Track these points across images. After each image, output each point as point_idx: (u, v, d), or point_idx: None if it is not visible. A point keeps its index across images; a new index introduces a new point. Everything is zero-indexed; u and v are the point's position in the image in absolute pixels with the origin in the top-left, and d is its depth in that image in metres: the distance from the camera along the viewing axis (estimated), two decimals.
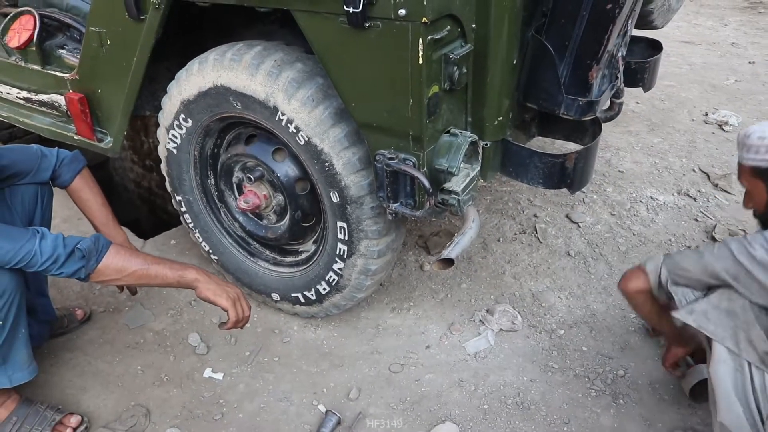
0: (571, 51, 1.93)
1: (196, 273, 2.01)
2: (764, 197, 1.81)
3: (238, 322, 2.05)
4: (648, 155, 4.05)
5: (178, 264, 2.03)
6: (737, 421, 1.73)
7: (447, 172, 1.90)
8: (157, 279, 1.98)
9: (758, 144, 1.74)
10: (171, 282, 2.00)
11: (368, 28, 1.69)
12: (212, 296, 2.00)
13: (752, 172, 1.80)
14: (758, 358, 1.71)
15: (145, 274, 1.96)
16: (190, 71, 2.28)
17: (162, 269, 1.98)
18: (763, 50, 6.07)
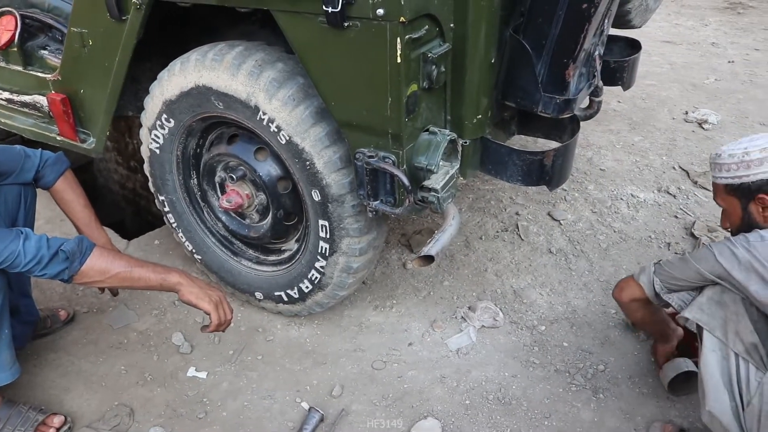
0: (548, 50, 1.96)
1: (179, 276, 2.01)
2: (738, 213, 1.88)
3: (221, 325, 2.06)
4: (629, 153, 4.10)
5: (161, 267, 2.04)
6: (724, 409, 1.79)
7: (426, 170, 1.92)
8: (140, 282, 1.98)
9: (729, 162, 1.82)
10: (154, 285, 2.00)
11: (347, 28, 1.71)
12: (195, 300, 2.00)
13: (726, 190, 1.89)
14: (744, 350, 1.76)
15: (128, 277, 1.96)
16: (171, 71, 2.29)
17: (145, 272, 1.98)
18: (742, 50, 6.14)
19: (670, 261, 1.99)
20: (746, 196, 1.83)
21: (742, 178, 1.81)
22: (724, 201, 1.92)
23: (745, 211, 1.86)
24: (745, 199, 1.84)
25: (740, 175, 1.80)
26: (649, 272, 2.03)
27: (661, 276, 2.00)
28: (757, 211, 1.83)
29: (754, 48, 6.19)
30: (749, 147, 1.78)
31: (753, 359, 1.75)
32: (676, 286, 1.97)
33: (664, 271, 1.99)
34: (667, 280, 1.98)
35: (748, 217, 1.86)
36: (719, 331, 1.81)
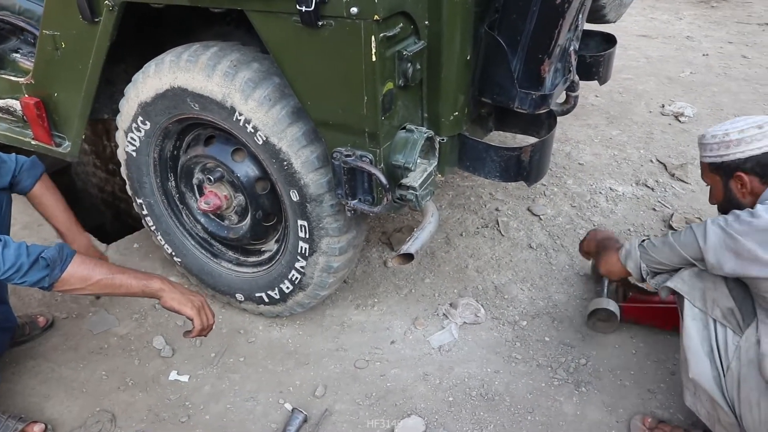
0: (523, 46, 1.96)
1: (161, 282, 2.00)
2: (721, 190, 1.99)
3: (203, 330, 2.05)
4: (607, 147, 4.12)
5: (142, 273, 2.02)
6: (705, 375, 1.87)
7: (404, 168, 1.92)
8: (122, 288, 1.96)
9: (711, 142, 1.93)
10: (135, 291, 1.98)
11: (321, 27, 1.70)
12: (177, 305, 1.99)
13: (710, 168, 2.00)
14: (722, 315, 1.85)
15: (109, 284, 1.93)
16: (146, 73, 2.27)
17: (126, 279, 1.96)
18: (716, 43, 6.20)
19: (653, 244, 2.03)
20: (726, 174, 1.94)
21: (722, 157, 1.91)
22: (709, 179, 2.04)
23: (727, 188, 1.96)
24: (725, 177, 1.95)
25: (721, 154, 1.91)
26: (635, 257, 2.07)
27: (647, 261, 2.04)
28: (737, 188, 1.93)
29: (727, 41, 6.25)
30: (729, 128, 1.89)
31: (730, 324, 1.84)
32: (660, 269, 2.04)
33: (649, 256, 2.03)
34: (652, 264, 2.03)
35: (729, 193, 1.96)
36: (699, 300, 1.90)
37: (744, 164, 1.88)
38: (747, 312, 1.83)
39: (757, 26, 6.73)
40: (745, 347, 1.80)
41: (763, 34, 6.46)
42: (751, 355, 1.78)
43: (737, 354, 1.81)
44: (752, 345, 1.79)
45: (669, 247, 1.95)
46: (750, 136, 1.86)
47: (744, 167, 1.88)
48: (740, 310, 1.84)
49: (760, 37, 6.36)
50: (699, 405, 1.95)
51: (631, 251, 2.08)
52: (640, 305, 2.64)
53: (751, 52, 5.92)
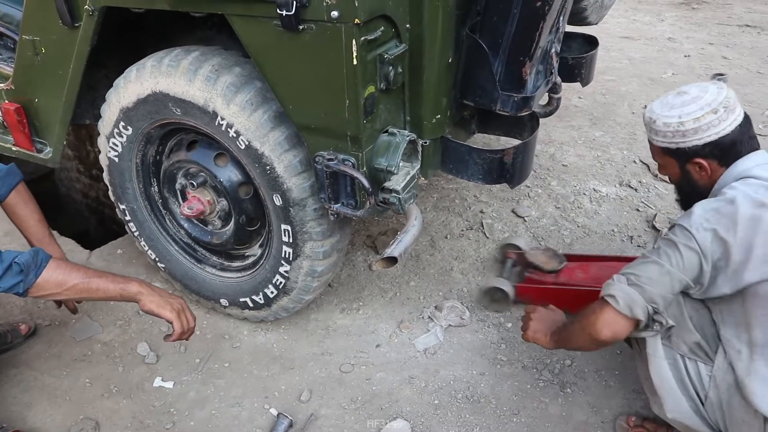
0: (504, 48, 1.97)
1: (139, 286, 1.97)
2: (677, 172, 1.89)
3: (184, 334, 2.03)
4: (590, 148, 4.14)
5: (120, 277, 1.99)
6: (684, 411, 1.82)
7: (386, 171, 1.92)
8: (99, 292, 1.93)
9: (664, 130, 1.80)
10: (113, 295, 1.95)
11: (302, 31, 1.70)
12: (156, 308, 1.96)
13: (662, 152, 1.88)
14: (689, 349, 1.79)
15: (86, 288, 1.91)
16: (128, 78, 2.26)
17: (104, 282, 1.93)
18: (698, 44, 6.24)
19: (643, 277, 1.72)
20: (683, 159, 1.84)
21: (678, 144, 1.80)
22: (661, 159, 1.92)
23: (683, 170, 1.87)
24: (681, 161, 1.85)
25: (676, 141, 1.80)
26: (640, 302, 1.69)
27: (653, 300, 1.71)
28: (695, 171, 1.84)
29: (708, 42, 6.30)
30: (683, 116, 1.76)
31: (699, 356, 1.78)
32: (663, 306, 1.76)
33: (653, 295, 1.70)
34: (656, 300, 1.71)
35: (687, 175, 1.87)
36: (665, 338, 1.81)
37: (702, 150, 1.78)
38: (712, 341, 1.77)
39: (737, 27, 6.79)
40: (719, 375, 1.75)
41: (742, 35, 6.52)
42: (729, 380, 1.74)
43: (713, 383, 1.76)
44: (726, 371, 1.74)
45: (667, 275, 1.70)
46: (707, 124, 1.74)
47: (702, 153, 1.79)
48: (706, 340, 1.77)
49: (739, 38, 6.42)
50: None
51: (633, 297, 1.70)
52: (534, 286, 2.70)
53: (731, 53, 5.97)
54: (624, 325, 1.72)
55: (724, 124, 1.75)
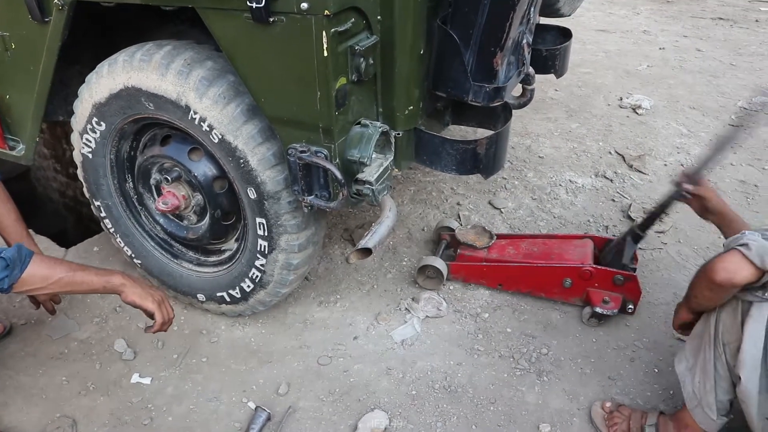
0: (476, 39, 1.98)
1: (122, 278, 2.01)
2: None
3: (164, 324, 2.07)
4: (567, 140, 4.17)
5: (103, 270, 2.02)
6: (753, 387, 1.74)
7: (359, 163, 1.93)
8: (83, 285, 1.95)
9: None
10: (97, 288, 1.97)
11: (273, 23, 1.70)
12: (138, 300, 2.00)
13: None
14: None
15: (70, 281, 1.92)
16: (100, 74, 2.25)
17: (87, 275, 1.95)
18: (672, 37, 6.31)
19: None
20: None
21: None
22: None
23: None
24: None
25: None
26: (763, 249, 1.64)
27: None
28: None
29: (682, 35, 6.37)
30: None
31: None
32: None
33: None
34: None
35: None
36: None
37: None
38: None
39: (711, 20, 6.87)
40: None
41: (716, 28, 6.60)
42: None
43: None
44: None
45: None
46: None
47: None
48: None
49: (713, 31, 6.49)
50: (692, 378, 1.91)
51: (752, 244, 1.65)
52: (466, 263, 2.81)
53: (705, 45, 6.04)
54: (747, 272, 1.65)
55: None
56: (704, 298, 1.85)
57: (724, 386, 1.86)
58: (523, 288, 2.76)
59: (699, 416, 1.94)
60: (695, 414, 1.95)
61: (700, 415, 1.94)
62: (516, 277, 2.74)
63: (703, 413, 1.92)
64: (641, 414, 2.18)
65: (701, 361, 1.90)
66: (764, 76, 5.28)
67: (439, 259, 2.78)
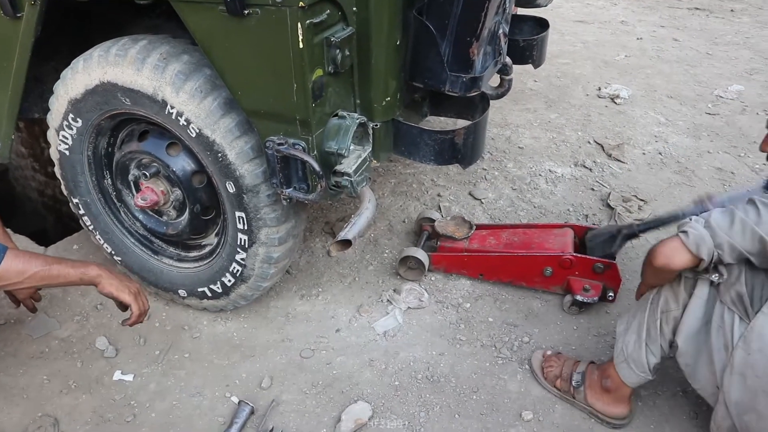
0: (452, 29, 1.97)
1: (99, 269, 2.01)
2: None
3: (141, 316, 2.08)
4: (546, 130, 4.19)
5: (79, 262, 2.02)
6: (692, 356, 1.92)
7: (337, 155, 1.93)
8: (60, 278, 1.94)
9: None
10: (74, 280, 1.97)
11: (247, 16, 1.70)
12: (115, 291, 2.01)
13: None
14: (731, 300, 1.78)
15: (47, 275, 1.91)
16: (75, 69, 2.23)
17: (64, 268, 1.95)
18: (650, 27, 6.35)
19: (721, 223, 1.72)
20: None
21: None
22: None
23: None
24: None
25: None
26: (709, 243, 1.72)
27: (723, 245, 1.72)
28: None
29: (659, 25, 6.41)
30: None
31: (737, 310, 1.77)
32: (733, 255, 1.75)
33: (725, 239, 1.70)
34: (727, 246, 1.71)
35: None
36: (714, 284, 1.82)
37: None
38: (756, 300, 1.75)
39: (687, 10, 6.93)
40: (752, 337, 1.73)
41: (692, 18, 6.65)
42: (759, 345, 1.72)
43: (742, 341, 1.75)
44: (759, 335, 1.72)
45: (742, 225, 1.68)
46: None
47: None
48: (750, 297, 1.75)
49: (689, 21, 6.54)
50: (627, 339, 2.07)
51: (703, 236, 1.72)
52: (447, 254, 2.84)
53: (681, 35, 6.09)
54: (683, 258, 1.76)
55: None
56: (651, 278, 1.99)
57: (652, 349, 2.01)
58: (504, 277, 2.78)
59: (623, 371, 2.09)
60: (620, 368, 2.10)
61: (624, 369, 2.09)
62: (497, 267, 2.76)
63: (627, 368, 2.07)
64: (574, 362, 2.32)
65: (636, 324, 2.05)
66: (740, 65, 5.34)
67: (421, 250, 2.79)
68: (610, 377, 2.15)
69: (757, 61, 5.44)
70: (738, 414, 1.82)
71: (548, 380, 2.33)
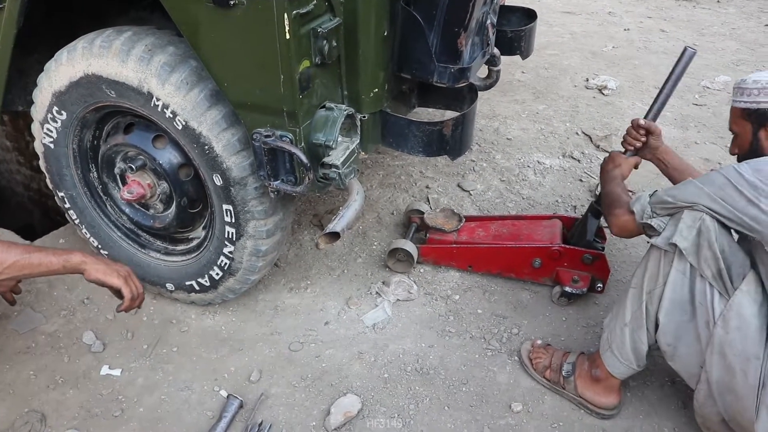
0: (439, 20, 1.97)
1: (82, 255, 1.91)
2: (748, 139, 1.98)
3: (134, 300, 1.99)
4: (534, 122, 4.19)
5: (61, 249, 1.94)
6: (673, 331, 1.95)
7: (325, 146, 1.92)
8: (41, 267, 1.86)
9: (751, 87, 1.92)
10: (57, 268, 1.88)
11: (233, 6, 1.68)
12: (103, 276, 1.91)
13: (742, 114, 1.98)
14: (711, 275, 1.82)
15: (27, 264, 1.84)
16: (59, 61, 2.21)
17: (45, 256, 1.86)
18: (637, 18, 6.37)
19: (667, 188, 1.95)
20: (759, 122, 1.93)
21: (759, 104, 1.91)
22: (737, 125, 2.01)
23: (755, 137, 1.96)
24: (757, 125, 1.94)
25: (759, 101, 1.90)
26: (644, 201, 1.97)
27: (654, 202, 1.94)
28: (764, 137, 1.93)
29: (646, 16, 6.43)
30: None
31: (716, 285, 1.82)
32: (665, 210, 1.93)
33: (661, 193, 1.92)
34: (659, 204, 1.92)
35: (756, 143, 1.95)
36: (693, 256, 1.85)
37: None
38: (735, 276, 1.80)
39: (674, 1, 6.95)
40: (731, 314, 1.78)
41: (678, 9, 6.67)
42: (737, 323, 1.77)
43: (722, 319, 1.79)
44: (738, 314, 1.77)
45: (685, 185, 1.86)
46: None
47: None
48: (729, 273, 1.80)
49: (676, 12, 6.56)
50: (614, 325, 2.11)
51: (641, 197, 1.99)
52: (436, 246, 2.84)
53: (668, 26, 6.11)
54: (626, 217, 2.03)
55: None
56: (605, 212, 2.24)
57: (639, 335, 2.03)
58: (493, 269, 2.78)
59: (608, 359, 2.12)
60: (605, 357, 2.13)
61: (609, 358, 2.12)
62: (486, 259, 2.76)
63: (612, 356, 2.10)
64: (563, 353, 2.33)
65: (620, 311, 2.09)
66: (726, 56, 5.36)
67: (410, 242, 2.79)
68: (599, 367, 2.16)
69: (743, 52, 5.46)
70: (720, 393, 1.85)
71: (537, 371, 2.33)
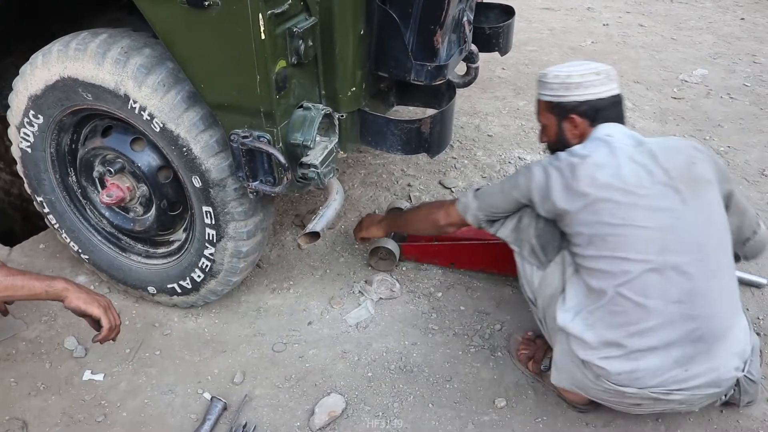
0: (415, 17, 1.97)
1: (65, 283, 1.91)
2: (554, 130, 2.09)
3: (111, 330, 1.98)
4: (515, 118, 4.21)
5: (44, 275, 1.93)
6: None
7: (303, 146, 1.92)
8: (24, 290, 1.85)
9: (552, 82, 2.02)
10: (38, 293, 1.87)
11: (208, 7, 1.67)
12: (83, 305, 1.90)
13: (546, 107, 2.09)
14: (528, 253, 2.11)
15: (9, 286, 1.83)
16: (34, 65, 2.19)
17: (28, 280, 1.86)
18: (615, 13, 6.40)
19: (487, 192, 2.15)
20: (562, 115, 2.03)
21: (560, 98, 2.01)
22: (544, 118, 2.13)
23: (560, 128, 2.06)
24: (560, 117, 2.04)
25: (560, 95, 2.00)
26: (470, 204, 2.16)
27: (483, 207, 2.14)
28: (569, 129, 2.03)
29: (625, 11, 6.47)
30: (572, 71, 1.99)
31: (533, 261, 2.10)
32: (497, 216, 2.15)
33: (483, 203, 2.13)
34: (487, 209, 2.14)
35: (561, 133, 2.06)
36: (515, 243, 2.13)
37: (579, 107, 1.98)
38: (549, 251, 2.05)
39: None
40: (545, 284, 2.04)
41: (657, 4, 6.71)
42: (550, 291, 2.02)
43: (541, 289, 2.06)
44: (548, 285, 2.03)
45: (501, 193, 2.07)
46: (589, 81, 1.95)
47: (578, 110, 1.98)
48: (541, 247, 2.05)
49: (654, 7, 6.60)
50: None
51: (469, 203, 2.16)
52: (418, 244, 2.86)
53: (647, 21, 6.14)
54: (457, 220, 2.24)
55: (602, 87, 1.97)
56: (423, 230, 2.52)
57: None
58: (476, 265, 2.79)
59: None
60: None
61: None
62: (468, 255, 2.77)
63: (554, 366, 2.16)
64: (547, 347, 2.33)
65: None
66: (703, 50, 5.40)
67: (391, 240, 2.79)
68: None
69: (720, 45, 5.51)
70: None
71: (521, 362, 2.36)
